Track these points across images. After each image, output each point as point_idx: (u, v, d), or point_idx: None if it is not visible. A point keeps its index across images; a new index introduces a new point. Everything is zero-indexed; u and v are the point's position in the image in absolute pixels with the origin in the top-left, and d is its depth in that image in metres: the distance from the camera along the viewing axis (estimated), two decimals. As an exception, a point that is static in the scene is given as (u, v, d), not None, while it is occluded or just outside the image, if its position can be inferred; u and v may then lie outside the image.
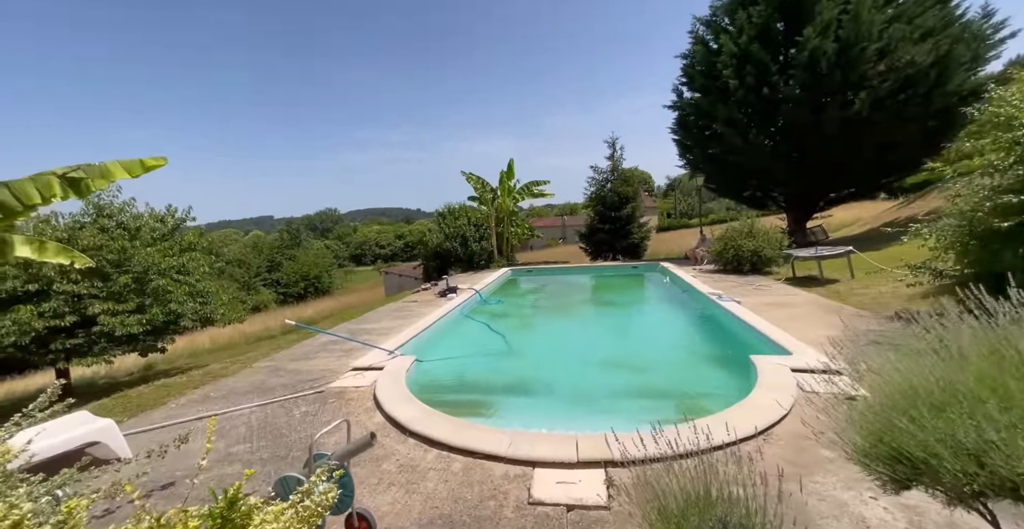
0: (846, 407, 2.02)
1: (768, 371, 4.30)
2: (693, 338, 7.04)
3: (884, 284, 8.41)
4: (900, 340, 2.12)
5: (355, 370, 5.48)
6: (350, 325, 8.41)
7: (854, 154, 14.74)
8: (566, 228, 65.04)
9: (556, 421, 4.31)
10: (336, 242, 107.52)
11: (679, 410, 4.41)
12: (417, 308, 9.65)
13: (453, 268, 16.82)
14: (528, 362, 6.37)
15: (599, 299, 11.54)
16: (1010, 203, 4.48)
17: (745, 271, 11.76)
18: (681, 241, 29.12)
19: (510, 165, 18.01)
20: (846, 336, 5.41)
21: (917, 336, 1.96)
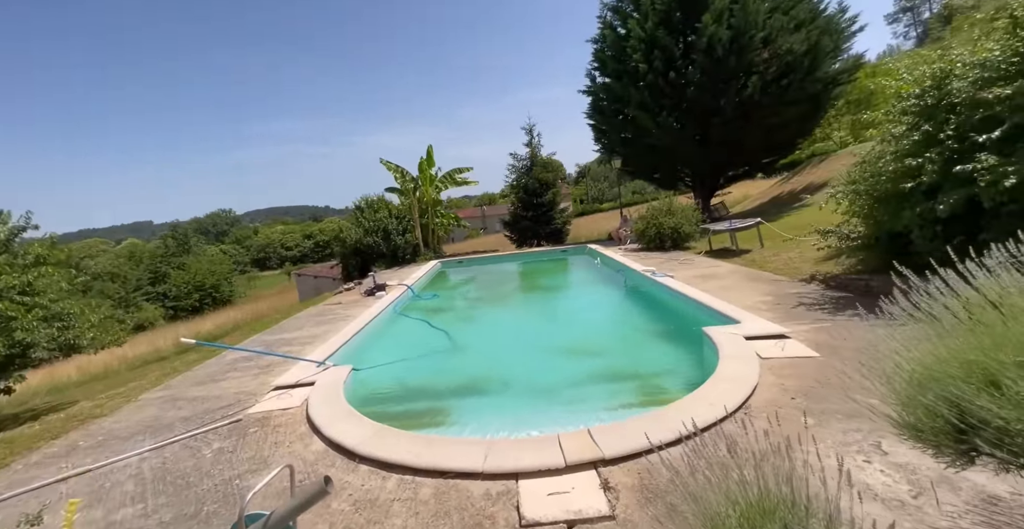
0: (881, 387, 1.86)
1: (725, 342, 4.31)
2: (639, 315, 7.09)
3: (790, 250, 9.19)
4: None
5: (279, 389, 4.64)
6: (265, 337, 7.30)
7: (748, 135, 16.10)
8: (486, 218, 64.85)
9: (521, 420, 3.95)
10: (234, 246, 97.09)
11: (645, 391, 4.29)
12: (343, 310, 8.70)
13: (376, 264, 15.69)
14: (478, 358, 5.93)
15: (537, 285, 11.39)
16: (909, 166, 4.93)
17: (667, 247, 12.32)
18: (596, 225, 30.25)
19: (429, 152, 17.14)
20: (777, 300, 5.68)
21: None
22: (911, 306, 1.87)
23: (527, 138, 20.80)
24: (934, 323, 1.79)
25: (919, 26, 64.98)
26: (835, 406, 3.10)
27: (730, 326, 4.84)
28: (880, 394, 1.91)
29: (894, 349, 1.93)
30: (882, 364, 1.95)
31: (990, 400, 1.43)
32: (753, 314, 5.24)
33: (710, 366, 4.40)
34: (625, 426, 3.02)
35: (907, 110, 5.36)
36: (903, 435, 1.75)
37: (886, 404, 1.85)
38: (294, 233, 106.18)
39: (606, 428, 3.03)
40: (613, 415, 3.75)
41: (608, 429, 3.01)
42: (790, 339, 4.43)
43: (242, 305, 34.42)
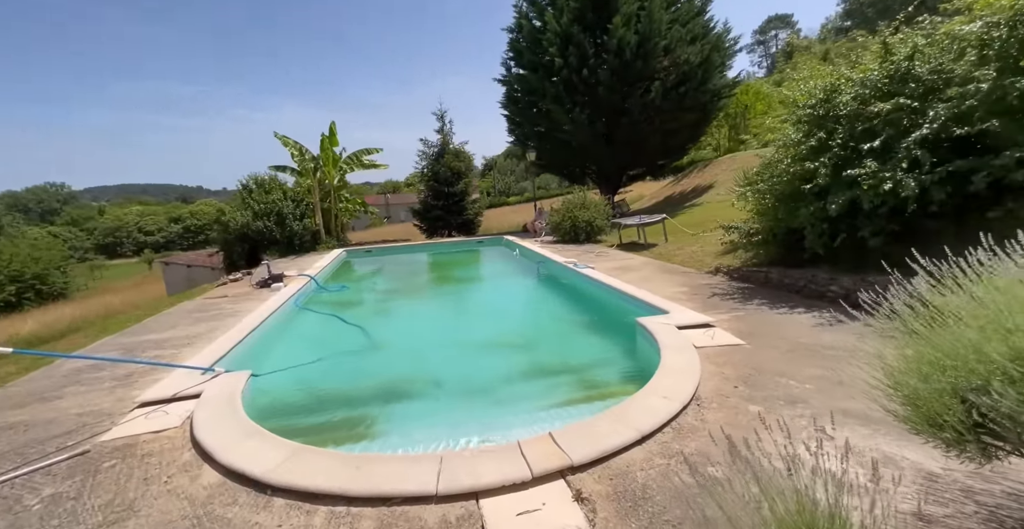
0: (884, 383, 1.84)
1: (662, 332, 4.37)
2: (566, 307, 7.05)
3: (692, 244, 9.96)
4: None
5: (147, 406, 3.65)
6: (123, 339, 5.86)
7: (650, 136, 17.27)
8: (390, 206, 61.81)
9: (460, 425, 3.58)
10: (69, 228, 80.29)
11: (586, 385, 4.18)
12: (230, 305, 7.40)
13: (268, 252, 13.85)
14: (401, 356, 5.37)
15: (455, 276, 10.92)
16: (807, 169, 5.49)
17: (581, 240, 12.68)
18: (505, 217, 30.46)
19: (332, 129, 15.52)
20: (692, 291, 5.99)
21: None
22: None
23: (438, 124, 20.04)
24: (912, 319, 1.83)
25: (768, 58, 76.47)
26: (776, 392, 3.23)
27: (661, 316, 4.96)
28: (868, 389, 1.90)
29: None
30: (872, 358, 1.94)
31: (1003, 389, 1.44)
32: (676, 304, 5.45)
33: (645, 356, 4.45)
34: (589, 426, 2.82)
35: (801, 119, 5.96)
36: (916, 432, 1.73)
37: (883, 398, 1.84)
38: (156, 215, 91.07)
39: (570, 430, 2.80)
40: (563, 413, 3.56)
41: (572, 431, 2.78)
42: (716, 328, 4.65)
43: (83, 300, 28.38)
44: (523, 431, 3.28)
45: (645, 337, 4.59)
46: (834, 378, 3.35)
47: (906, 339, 1.89)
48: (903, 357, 1.85)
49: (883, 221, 5.09)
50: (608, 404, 3.64)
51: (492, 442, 3.19)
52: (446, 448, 3.12)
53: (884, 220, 5.08)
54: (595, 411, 3.54)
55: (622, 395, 3.81)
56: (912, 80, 5.03)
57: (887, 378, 1.89)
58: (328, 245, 14.86)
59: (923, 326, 1.76)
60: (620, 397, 3.76)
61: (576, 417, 3.48)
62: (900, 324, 1.93)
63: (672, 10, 16.42)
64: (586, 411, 3.58)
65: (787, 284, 5.97)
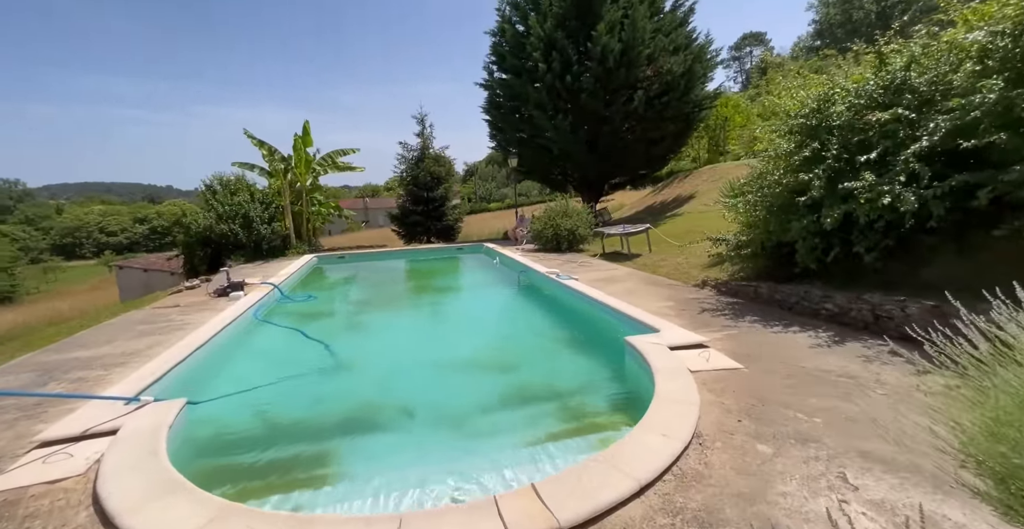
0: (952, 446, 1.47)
1: (653, 353, 3.99)
2: (548, 322, 6.64)
3: (677, 256, 9.73)
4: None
5: (47, 446, 3.05)
6: (45, 356, 5.15)
7: (632, 145, 17.18)
8: (369, 211, 60.56)
9: (430, 464, 3.11)
10: (23, 228, 76.03)
11: (572, 415, 3.76)
12: (180, 316, 6.72)
13: (233, 257, 13.04)
14: (368, 378, 4.84)
15: (432, 286, 10.40)
16: (800, 181, 5.26)
17: (563, 249, 12.35)
18: (486, 224, 30.07)
19: (306, 128, 14.84)
20: (680, 306, 5.67)
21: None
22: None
23: (418, 128, 19.57)
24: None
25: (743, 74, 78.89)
26: (785, 428, 2.88)
27: (650, 335, 4.60)
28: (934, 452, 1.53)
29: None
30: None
31: None
32: (665, 320, 5.11)
33: (635, 380, 4.07)
34: (579, 474, 2.39)
35: (793, 129, 5.76)
36: (1006, 515, 1.36)
37: (949, 462, 1.47)
38: (120, 215, 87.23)
39: (556, 480, 2.37)
40: (548, 451, 3.12)
41: (559, 482, 2.35)
42: (710, 349, 4.31)
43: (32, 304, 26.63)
44: (500, 477, 2.82)
45: (635, 358, 4.21)
46: (845, 411, 3.02)
47: (969, 383, 1.54)
48: (969, 404, 1.49)
49: (879, 236, 4.88)
50: (597, 439, 3.24)
51: (465, 491, 2.73)
52: (410, 501, 2.63)
53: (880, 235, 4.87)
54: (583, 448, 3.14)
55: (611, 427, 3.42)
56: (909, 91, 4.85)
57: (946, 430, 1.53)
58: (298, 250, 14.13)
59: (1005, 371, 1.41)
60: (609, 430, 3.37)
61: (562, 455, 3.06)
62: (962, 365, 1.57)
63: (655, 19, 16.44)
64: (573, 448, 3.16)
65: (778, 300, 5.71)
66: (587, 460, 2.52)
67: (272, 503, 2.70)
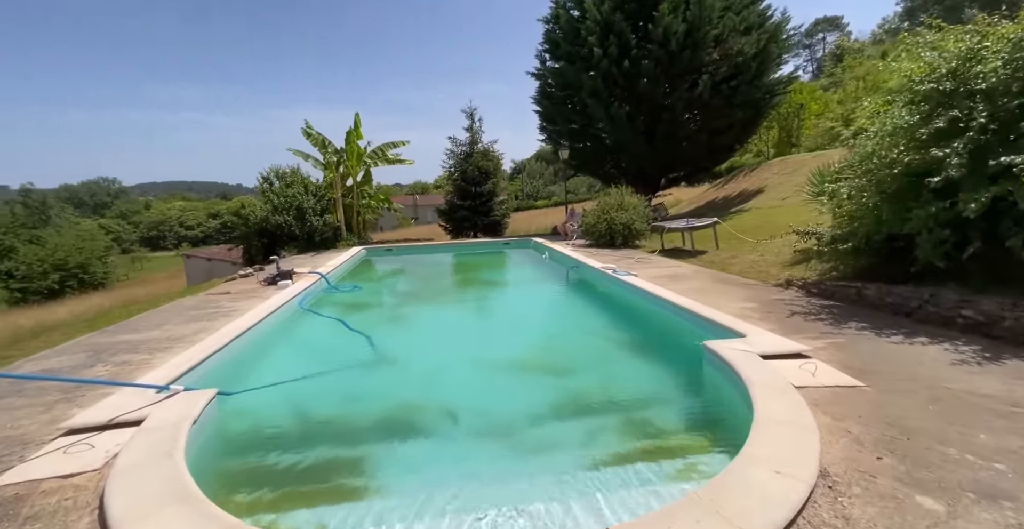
0: None
1: (742, 364, 3.29)
2: (606, 322, 5.99)
3: (749, 253, 8.72)
4: None
5: (73, 434, 2.85)
6: (99, 337, 5.19)
7: (694, 135, 15.99)
8: (418, 208, 61.83)
9: (477, 485, 2.62)
10: (118, 221, 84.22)
11: (641, 431, 3.14)
12: (229, 303, 6.71)
13: (287, 248, 13.36)
14: (410, 375, 4.46)
15: (478, 280, 10.01)
16: (929, 159, 4.29)
17: (617, 244, 11.58)
18: (533, 221, 29.53)
19: (356, 121, 14.97)
20: (764, 308, 4.86)
21: None
22: None
23: (467, 122, 19.31)
24: None
25: (814, 62, 72.87)
26: (953, 475, 2.12)
27: (735, 341, 3.87)
28: None
29: None
30: None
31: None
32: (750, 324, 4.34)
33: (720, 394, 3.39)
34: (666, 524, 1.80)
35: (918, 97, 4.75)
36: None
37: None
38: (196, 210, 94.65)
39: (637, 526, 1.79)
40: (615, 478, 2.54)
41: (641, 528, 1.77)
42: (813, 359, 3.53)
43: (119, 289, 29.14)
44: (561, 510, 2.28)
45: (718, 367, 3.52)
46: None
47: None
48: None
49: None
50: (677, 466, 2.61)
51: (518, 519, 2.21)
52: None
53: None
54: (659, 476, 2.53)
55: (693, 451, 2.78)
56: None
57: None
58: (348, 242, 14.27)
59: None
60: (691, 455, 2.73)
61: (635, 483, 2.47)
62: None
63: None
64: (647, 475, 2.55)
65: (890, 304, 4.75)
66: (678, 503, 1.92)
67: (291, 520, 2.31)
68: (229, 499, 2.51)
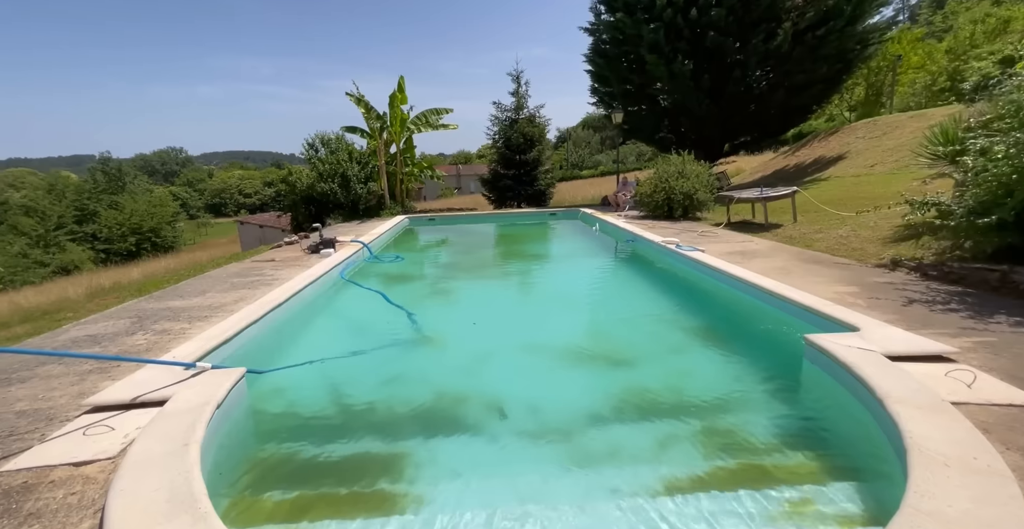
0: None
1: (868, 367, 2.60)
2: (669, 305, 5.31)
3: (835, 227, 7.62)
4: None
5: (97, 411, 2.65)
6: (145, 303, 5.15)
7: (767, 94, 14.24)
8: (461, 178, 61.34)
9: (520, 491, 2.18)
10: (185, 189, 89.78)
11: (726, 445, 2.56)
12: (272, 271, 6.58)
13: (332, 216, 13.34)
14: (453, 357, 4.06)
15: (524, 253, 9.48)
16: None
17: (676, 216, 10.61)
18: (578, 191, 28.32)
19: (400, 84, 14.41)
20: (869, 293, 4.03)
21: None
22: None
23: (513, 86, 18.20)
24: None
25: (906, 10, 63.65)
26: None
27: (846, 334, 3.15)
28: None
29: None
30: None
31: None
32: (859, 313, 3.56)
33: (831, 402, 2.73)
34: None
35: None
36: None
37: None
38: (253, 179, 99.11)
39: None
40: (702, 513, 1.99)
41: None
42: (957, 363, 2.77)
43: (186, 253, 31.22)
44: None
45: (829, 370, 2.85)
46: None
47: None
48: None
49: None
50: (782, 498, 2.04)
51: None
52: None
53: None
54: (756, 509, 1.96)
55: (805, 478, 2.18)
56: None
57: None
58: (392, 211, 14.07)
59: None
60: (799, 485, 2.14)
61: (723, 520, 1.92)
62: None
63: (815, -70, 12.98)
64: (738, 507, 1.99)
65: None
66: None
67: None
68: (244, 500, 2.21)
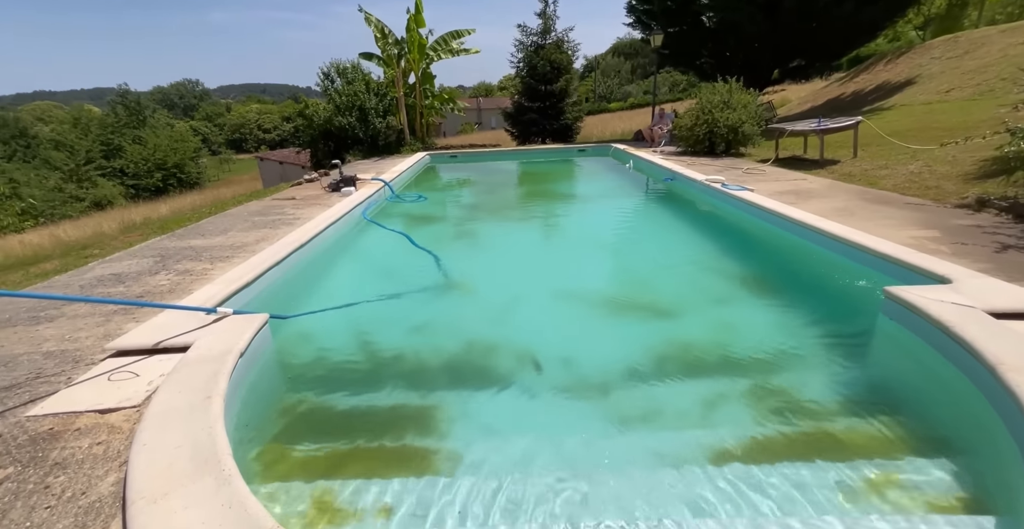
0: None
1: (971, 327, 2.23)
2: (721, 251, 4.87)
3: (904, 162, 6.82)
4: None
5: (121, 355, 2.57)
6: (168, 241, 5.05)
7: (833, 6, 12.38)
8: (482, 112, 58.27)
9: (557, 452, 2.03)
10: (205, 124, 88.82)
11: (788, 409, 2.31)
12: (293, 209, 6.37)
13: (351, 153, 12.87)
14: (481, 304, 3.85)
15: (553, 193, 8.95)
16: None
17: (718, 152, 9.74)
18: (606, 125, 26.53)
19: (418, 5, 13.07)
20: (953, 238, 3.53)
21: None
22: None
23: (540, 6, 16.26)
24: None
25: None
26: None
27: (935, 287, 2.75)
28: None
29: None
30: None
31: None
32: (947, 262, 3.12)
33: (920, 368, 2.42)
34: None
35: None
36: None
37: None
38: (271, 114, 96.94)
39: None
40: (766, 490, 1.78)
41: None
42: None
43: (209, 190, 31.44)
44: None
45: (916, 327, 2.50)
46: None
47: None
48: None
49: None
50: (859, 474, 1.80)
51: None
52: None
53: None
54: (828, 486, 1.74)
55: (883, 454, 1.93)
56: None
57: None
58: (412, 148, 13.44)
59: None
60: (880, 459, 1.89)
61: (800, 500, 1.71)
62: None
63: None
64: (807, 481, 1.78)
65: None
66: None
67: (345, 491, 1.87)
68: (270, 453, 2.13)
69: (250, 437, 2.18)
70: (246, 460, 2.00)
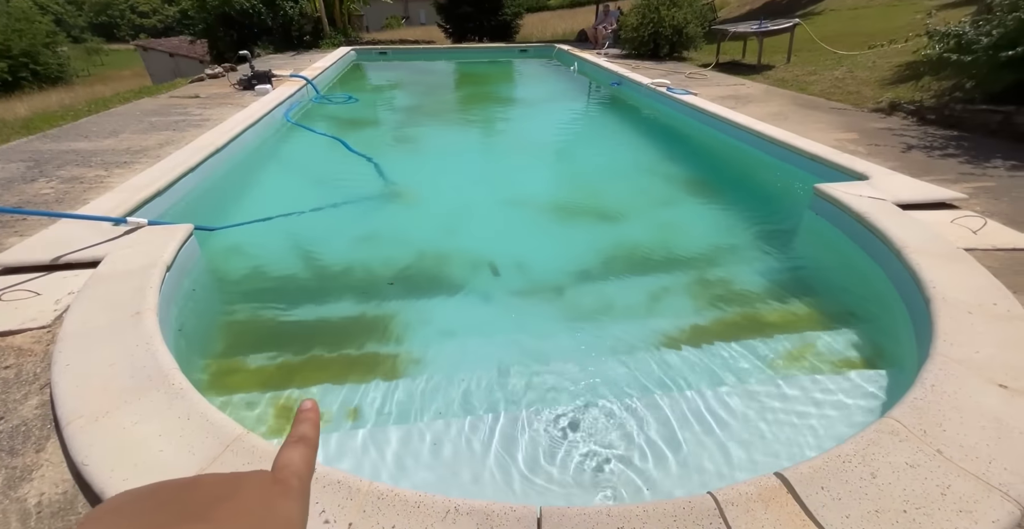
0: None
1: (880, 215, 2.49)
2: (666, 155, 4.88)
3: (830, 68, 7.01)
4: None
5: (8, 273, 2.22)
6: (41, 143, 4.19)
7: None
8: (409, 4, 50.88)
9: (517, 349, 2.14)
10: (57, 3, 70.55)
11: (727, 299, 2.53)
12: (199, 109, 5.45)
13: (261, 46, 10.91)
14: (427, 212, 3.66)
15: (495, 96, 8.29)
16: None
17: (662, 55, 9.38)
18: (546, 25, 24.30)
19: None
20: (869, 139, 3.79)
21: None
22: None
23: None
24: None
25: None
26: None
27: (855, 183, 3.00)
28: None
29: None
30: None
31: None
32: (866, 161, 3.37)
33: (842, 254, 2.70)
34: (859, 474, 1.27)
35: None
36: None
37: None
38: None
39: (816, 468, 1.26)
40: (718, 362, 2.01)
41: (819, 471, 1.25)
42: (963, 210, 2.73)
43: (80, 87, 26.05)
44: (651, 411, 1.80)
45: (840, 221, 2.76)
46: None
47: None
48: None
49: None
50: (784, 346, 2.08)
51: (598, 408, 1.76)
52: (523, 447, 1.69)
53: None
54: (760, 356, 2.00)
55: (816, 325, 2.22)
56: None
57: None
58: (333, 42, 11.65)
59: None
60: (814, 329, 2.18)
61: (748, 374, 1.96)
62: None
63: None
64: (756, 353, 2.03)
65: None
66: (874, 428, 1.36)
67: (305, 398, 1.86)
68: (220, 368, 2.04)
69: (193, 352, 2.06)
70: (193, 375, 1.90)
